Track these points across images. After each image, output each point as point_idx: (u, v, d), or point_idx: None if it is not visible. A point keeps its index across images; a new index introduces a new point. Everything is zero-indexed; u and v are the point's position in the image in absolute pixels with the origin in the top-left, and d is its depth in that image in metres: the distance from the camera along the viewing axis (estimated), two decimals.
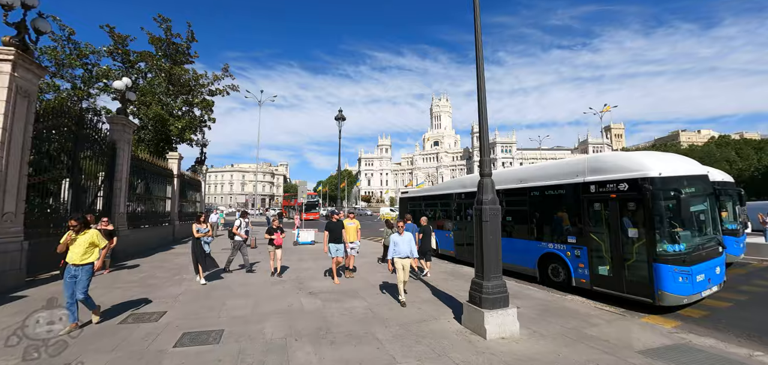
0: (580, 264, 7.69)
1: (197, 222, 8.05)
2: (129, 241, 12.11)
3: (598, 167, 7.69)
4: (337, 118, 18.96)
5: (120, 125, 11.78)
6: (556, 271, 8.36)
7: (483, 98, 5.59)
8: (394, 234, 6.67)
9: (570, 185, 8.16)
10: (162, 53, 22.23)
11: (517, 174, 10.22)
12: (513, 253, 9.33)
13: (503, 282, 5.19)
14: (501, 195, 9.28)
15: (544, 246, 8.68)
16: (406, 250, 6.51)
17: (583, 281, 7.58)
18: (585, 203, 7.67)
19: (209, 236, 8.28)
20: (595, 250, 7.41)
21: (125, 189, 11.97)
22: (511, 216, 9.83)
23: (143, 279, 8.31)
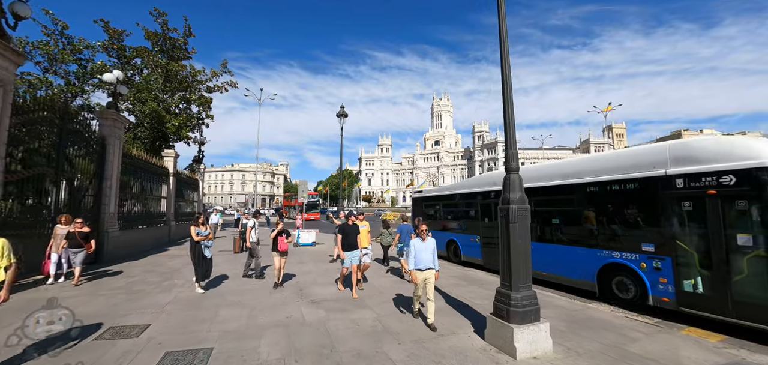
0: (660, 279, 6.17)
1: (196, 224, 7.21)
2: (120, 242, 11.47)
3: (687, 155, 6.10)
4: (339, 114, 18.33)
5: (110, 120, 11.13)
6: (623, 286, 6.83)
7: (508, 83, 4.94)
8: (415, 240, 5.49)
9: (645, 179, 6.54)
10: (158, 49, 21.60)
11: (562, 168, 8.77)
12: (560, 262, 8.02)
13: (533, 293, 4.53)
14: (541, 193, 8.53)
15: (606, 255, 7.09)
16: (428, 260, 5.36)
17: (666, 299, 6.09)
18: (669, 202, 6.12)
19: (210, 240, 7.45)
20: (683, 261, 5.88)
21: (116, 188, 11.32)
22: (558, 218, 8.37)
23: (130, 285, 7.65)
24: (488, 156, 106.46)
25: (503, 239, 4.62)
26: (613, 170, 7.31)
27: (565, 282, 8.01)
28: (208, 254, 7.23)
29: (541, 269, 8.26)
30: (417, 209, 14.81)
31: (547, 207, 8.61)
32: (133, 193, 13.54)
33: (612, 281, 7.05)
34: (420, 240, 5.45)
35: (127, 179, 12.90)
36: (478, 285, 8.28)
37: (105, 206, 10.84)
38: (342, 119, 18.40)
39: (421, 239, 5.45)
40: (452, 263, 11.52)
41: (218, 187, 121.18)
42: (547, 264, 8.24)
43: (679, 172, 6.05)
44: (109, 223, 10.90)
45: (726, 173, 5.49)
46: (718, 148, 5.84)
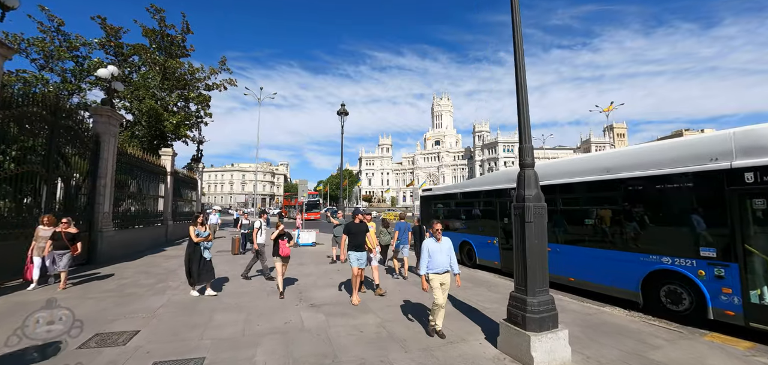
0: (724, 289, 5.36)
1: (195, 224, 6.76)
2: (115, 243, 11.16)
3: (758, 144, 5.24)
4: (340, 112, 18.03)
5: (105, 117, 10.81)
6: (674, 296, 6.01)
7: (522, 72, 4.64)
8: (428, 241, 4.83)
9: (705, 173, 5.71)
10: (156, 46, 21.29)
11: (599, 161, 7.74)
12: (594, 268, 7.19)
13: (551, 298, 4.20)
14: (572, 191, 7.76)
15: (653, 261, 6.23)
16: (444, 262, 4.76)
17: (730, 313, 5.28)
18: (735, 200, 5.30)
19: (209, 241, 6.97)
20: (754, 269, 5.12)
21: (110, 186, 11.00)
22: (592, 218, 7.43)
23: (123, 287, 7.33)
24: (489, 156, 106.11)
25: (518, 239, 4.30)
26: (663, 163, 6.42)
27: (599, 290, 7.15)
28: (208, 256, 6.80)
29: (570, 275, 7.68)
30: (426, 208, 13.94)
31: (580, 206, 7.79)
32: (129, 192, 13.23)
33: (660, 290, 6.22)
34: (433, 241, 4.81)
35: (123, 177, 12.59)
36: (486, 287, 7.95)
37: (99, 205, 10.52)
38: (343, 117, 18.10)
39: (436, 239, 4.82)
40: (466, 266, 10.85)
41: (218, 187, 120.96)
42: (578, 270, 7.54)
43: (748, 164, 5.18)
44: (103, 223, 10.59)
45: None
46: None
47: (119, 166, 12.03)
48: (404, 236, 9.24)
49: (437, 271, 4.74)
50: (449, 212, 12.57)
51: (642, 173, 6.63)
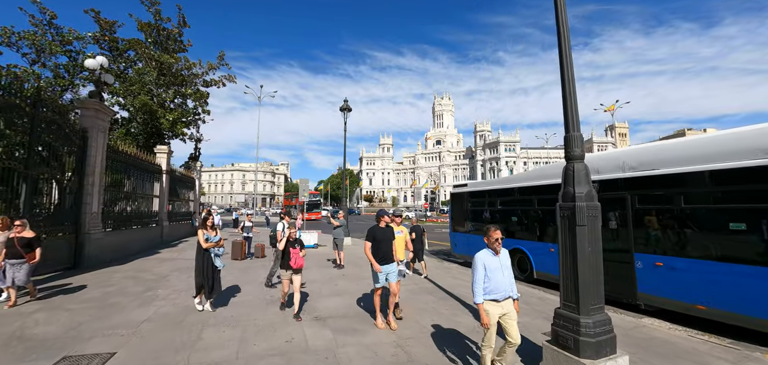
0: None
1: (204, 227, 5.77)
2: (105, 245, 10.44)
3: None
4: (342, 108, 17.34)
5: (92, 111, 10.09)
6: None
7: (566, 42, 3.90)
8: (484, 255, 3.47)
9: None
10: (152, 40, 20.59)
11: (727, 141, 5.65)
12: (728, 289, 5.11)
13: (608, 316, 3.49)
14: (703, 181, 5.31)
15: None
16: (506, 284, 3.46)
17: None
18: None
19: (220, 247, 5.94)
20: None
21: (99, 185, 10.29)
22: (746, 220, 5.05)
23: (106, 296, 6.61)
24: (490, 155, 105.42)
25: (567, 246, 3.58)
26: None
27: (742, 322, 5.05)
28: (219, 264, 5.82)
29: (700, 302, 5.47)
30: (459, 207, 11.85)
31: (720, 203, 5.45)
32: (120, 191, 12.51)
33: None
34: (491, 254, 3.47)
35: (114, 176, 11.88)
36: None
37: (86, 205, 9.80)
38: (345, 114, 17.41)
39: (494, 252, 3.47)
40: (518, 280, 9.14)
41: (218, 186, 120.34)
42: (717, 295, 5.28)
43: None
44: (91, 224, 9.87)
45: None
46: None
47: (110, 164, 11.32)
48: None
49: (497, 297, 3.43)
50: (492, 213, 10.37)
51: None
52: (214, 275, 5.70)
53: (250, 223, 13.14)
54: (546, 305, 6.46)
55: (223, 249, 6.03)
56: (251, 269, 9.63)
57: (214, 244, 5.78)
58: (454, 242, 12.11)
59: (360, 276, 9.02)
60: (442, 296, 7.11)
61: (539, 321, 5.51)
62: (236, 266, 10.02)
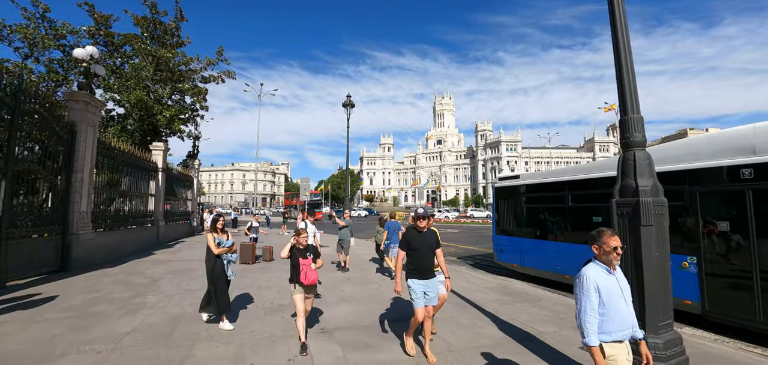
0: None
1: (215, 230, 4.98)
2: (95, 246, 9.85)
3: None
4: (345, 104, 16.75)
5: (82, 104, 9.49)
6: None
7: (621, 12, 3.29)
8: (595, 273, 2.29)
9: None
10: (148, 35, 19.99)
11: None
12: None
13: (678, 335, 2.89)
14: None
15: None
16: (629, 319, 2.28)
17: None
18: None
19: (233, 252, 5.17)
20: None
21: (89, 183, 9.69)
22: None
23: (89, 304, 6.00)
24: (491, 155, 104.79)
25: (627, 250, 2.97)
26: None
27: None
28: (231, 273, 5.07)
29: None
30: (510, 204, 9.69)
31: None
32: (113, 190, 11.90)
33: None
34: (605, 272, 2.31)
35: (106, 173, 11.28)
36: (531, 303, 6.61)
37: (74, 203, 9.20)
38: (348, 110, 16.82)
39: (609, 269, 2.32)
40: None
41: (218, 186, 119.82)
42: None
43: None
44: (79, 224, 9.27)
45: None
46: None
47: (101, 161, 10.72)
48: (394, 236, 8.67)
49: (621, 336, 2.23)
50: (560, 214, 8.12)
51: None
52: (223, 286, 4.90)
53: (257, 223, 12.46)
54: None
55: (236, 255, 5.29)
56: (250, 273, 9.02)
57: (226, 249, 4.97)
58: (499, 248, 9.99)
59: (366, 280, 8.43)
60: (457, 302, 6.50)
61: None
62: (248, 274, 9.37)
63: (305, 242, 4.38)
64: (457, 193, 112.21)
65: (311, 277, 4.21)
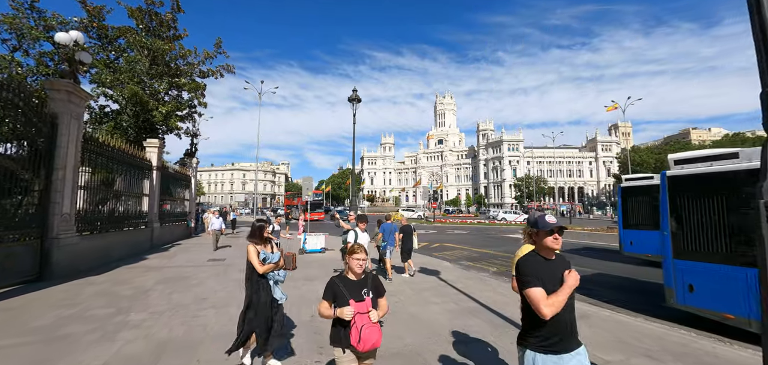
0: None
1: (257, 239, 3.78)
2: (80, 252, 8.93)
3: None
4: (351, 99, 15.82)
5: (64, 93, 8.57)
6: None
7: None
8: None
9: None
10: (144, 27, 19.06)
11: None
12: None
13: None
14: None
15: None
16: None
17: None
18: None
19: (282, 269, 3.93)
20: None
21: (72, 181, 8.76)
22: None
23: (59, 324, 5.07)
24: (493, 155, 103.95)
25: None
26: None
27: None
28: (279, 295, 3.79)
29: None
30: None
31: None
32: (102, 189, 10.97)
33: None
34: None
35: (93, 171, 10.35)
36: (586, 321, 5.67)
37: (55, 204, 8.27)
38: (355, 105, 15.89)
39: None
40: None
41: (218, 186, 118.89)
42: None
43: None
44: (61, 227, 8.34)
45: None
46: None
47: (88, 157, 9.80)
48: (391, 238, 8.87)
49: None
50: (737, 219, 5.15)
51: None
52: (273, 313, 3.74)
53: (279, 226, 11.22)
54: None
55: (285, 273, 3.96)
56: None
57: (274, 266, 3.77)
58: (682, 282, 5.78)
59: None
60: (493, 320, 5.58)
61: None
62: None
63: (362, 268, 2.64)
64: (459, 193, 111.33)
65: (372, 340, 2.45)
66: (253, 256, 3.68)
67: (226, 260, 11.25)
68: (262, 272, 3.67)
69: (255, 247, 3.72)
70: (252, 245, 3.74)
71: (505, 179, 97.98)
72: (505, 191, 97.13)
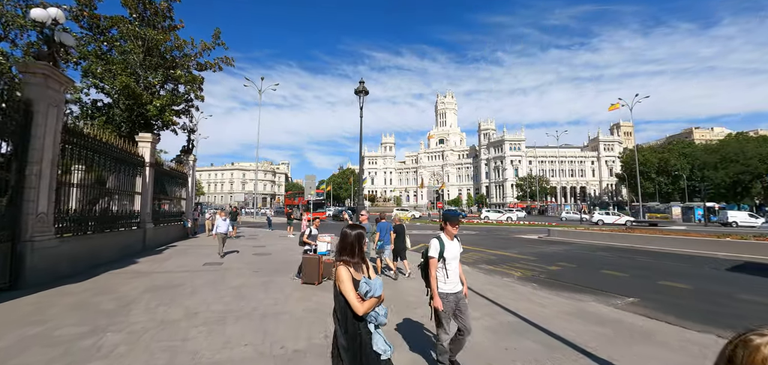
0: None
1: (350, 254, 2.51)
2: (59, 256, 7.96)
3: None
4: (358, 91, 14.92)
5: (40, 77, 7.59)
6: None
7: None
8: None
9: None
10: (137, 17, 18.07)
11: None
12: None
13: None
14: None
15: None
16: None
17: None
18: None
19: (381, 306, 2.48)
20: None
21: (50, 177, 7.79)
22: None
23: (14, 350, 4.10)
24: (494, 154, 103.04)
25: None
26: None
27: None
28: (383, 348, 2.36)
29: None
30: None
31: None
32: (86, 186, 9.98)
33: None
34: None
35: (77, 166, 9.37)
36: (649, 344, 4.71)
37: (29, 203, 7.29)
38: (362, 98, 15.00)
39: None
40: None
41: (218, 186, 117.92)
42: None
43: None
44: (36, 228, 7.37)
45: None
46: None
47: (70, 150, 8.83)
48: (386, 237, 8.80)
49: None
50: None
51: None
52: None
53: (317, 230, 9.42)
54: None
55: (385, 311, 2.50)
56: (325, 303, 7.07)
57: (376, 301, 2.40)
58: None
59: (399, 300, 6.49)
60: (546, 341, 4.62)
61: None
62: (311, 296, 6.79)
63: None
64: (460, 193, 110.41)
65: None
66: (347, 286, 2.34)
67: (224, 263, 10.29)
68: (362, 313, 2.32)
69: (349, 271, 2.40)
70: (344, 266, 2.41)
71: (507, 179, 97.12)
72: (507, 190, 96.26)
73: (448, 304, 3.53)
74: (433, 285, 3.53)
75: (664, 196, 65.25)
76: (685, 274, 9.86)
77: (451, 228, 3.68)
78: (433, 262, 3.56)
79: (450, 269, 3.59)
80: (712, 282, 8.99)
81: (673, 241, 15.87)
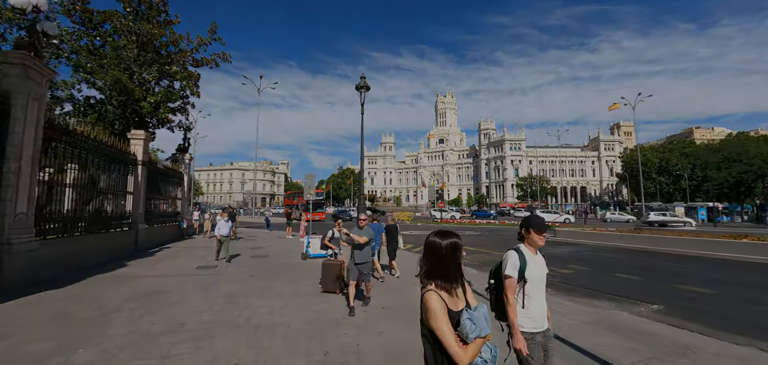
0: None
1: (443, 277, 1.75)
2: (40, 259, 7.43)
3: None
4: (359, 87, 14.40)
5: (19, 67, 7.07)
6: None
7: None
8: None
9: None
10: (131, 11, 17.52)
11: None
12: None
13: None
14: None
15: None
16: None
17: None
18: None
19: (487, 348, 1.71)
20: None
21: (30, 174, 7.25)
22: None
23: None
24: (495, 154, 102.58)
25: None
26: None
27: None
28: None
29: None
30: None
31: None
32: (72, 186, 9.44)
33: None
34: None
35: (63, 164, 8.84)
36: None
37: (6, 203, 6.76)
38: (363, 93, 14.47)
39: None
40: None
41: (217, 186, 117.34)
42: None
43: None
44: (14, 230, 6.83)
45: None
46: None
47: (53, 147, 8.29)
48: (378, 238, 8.60)
49: None
50: None
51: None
52: None
53: (340, 233, 8.54)
54: None
55: (496, 352, 1.77)
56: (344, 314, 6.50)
57: (482, 342, 1.66)
58: None
59: (406, 307, 5.97)
60: (567, 354, 4.10)
61: None
62: (334, 306, 6.05)
63: None
64: (460, 193, 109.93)
65: None
66: (442, 324, 1.62)
67: (218, 266, 9.76)
68: (467, 363, 1.59)
69: (442, 300, 1.69)
70: (436, 294, 1.70)
71: (507, 179, 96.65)
72: (507, 190, 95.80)
73: (535, 347, 2.49)
74: (511, 316, 2.50)
75: (665, 196, 64.88)
76: (707, 279, 9.35)
77: (537, 238, 2.59)
78: (511, 284, 2.52)
79: (533, 295, 2.56)
80: (737, 286, 8.48)
81: (685, 242, 15.37)
